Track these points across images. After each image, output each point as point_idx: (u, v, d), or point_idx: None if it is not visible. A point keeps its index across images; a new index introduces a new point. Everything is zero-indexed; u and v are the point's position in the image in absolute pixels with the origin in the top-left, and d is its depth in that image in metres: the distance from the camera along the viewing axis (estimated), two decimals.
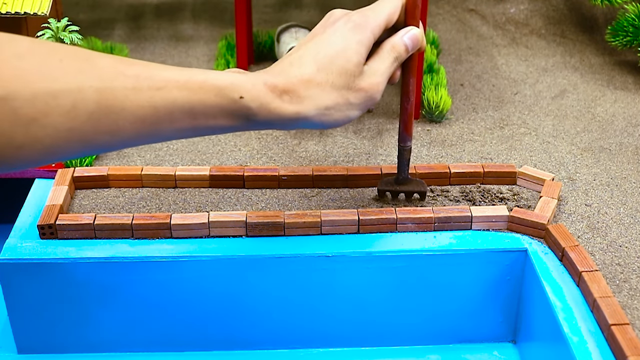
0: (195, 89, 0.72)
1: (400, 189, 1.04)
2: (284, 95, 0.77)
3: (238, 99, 0.74)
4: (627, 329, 0.84)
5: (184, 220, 0.99)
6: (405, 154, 1.02)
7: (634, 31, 1.37)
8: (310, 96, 0.78)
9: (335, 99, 0.79)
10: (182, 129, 0.73)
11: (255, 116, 0.76)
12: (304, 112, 0.78)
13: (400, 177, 1.03)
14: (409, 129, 1.00)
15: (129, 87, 0.69)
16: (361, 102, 0.81)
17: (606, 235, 1.00)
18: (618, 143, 1.20)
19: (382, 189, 1.05)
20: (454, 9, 1.61)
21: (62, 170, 1.08)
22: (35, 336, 1.02)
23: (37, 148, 0.66)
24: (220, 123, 0.75)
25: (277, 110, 0.76)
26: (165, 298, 1.00)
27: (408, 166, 1.03)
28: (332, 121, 0.80)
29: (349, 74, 0.79)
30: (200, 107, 0.73)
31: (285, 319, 1.03)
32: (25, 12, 1.07)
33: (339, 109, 0.80)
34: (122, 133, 0.70)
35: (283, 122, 0.78)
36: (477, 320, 1.04)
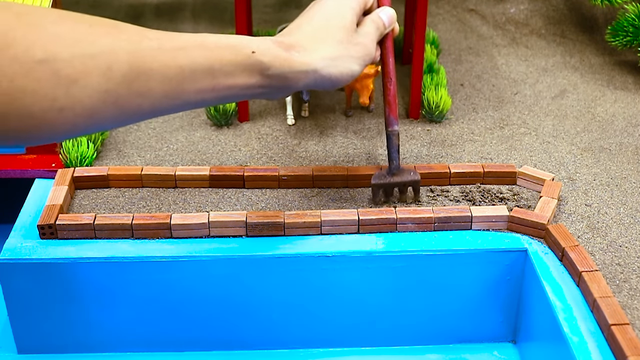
0: (212, 48, 0.76)
1: (393, 181, 1.03)
2: (291, 50, 0.82)
3: (251, 54, 0.78)
4: (627, 329, 0.84)
5: (184, 220, 0.99)
6: (394, 139, 1.00)
7: (634, 31, 1.37)
8: (316, 49, 0.84)
9: (339, 51, 0.85)
10: (204, 89, 0.76)
11: (268, 69, 0.79)
12: (313, 62, 0.83)
13: (392, 166, 1.02)
14: (394, 110, 0.99)
15: (155, 48, 0.72)
16: (361, 55, 0.88)
17: (606, 235, 1.00)
18: (618, 143, 1.20)
19: (376, 182, 1.03)
20: (454, 9, 1.61)
21: (62, 170, 1.08)
22: (35, 336, 1.02)
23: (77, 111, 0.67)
24: (239, 81, 0.78)
25: (287, 61, 0.81)
26: (165, 298, 1.00)
27: (399, 153, 1.02)
28: (338, 73, 0.85)
29: (346, 28, 0.87)
30: (218, 65, 0.76)
31: (285, 319, 1.03)
32: None
33: (343, 60, 0.86)
34: (152, 94, 0.72)
35: (295, 75, 0.82)
36: (477, 320, 1.04)
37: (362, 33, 0.90)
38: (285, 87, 0.83)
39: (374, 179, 1.03)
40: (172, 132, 1.22)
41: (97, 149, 1.15)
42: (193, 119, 1.25)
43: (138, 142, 1.19)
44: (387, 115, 1.00)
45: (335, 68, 0.85)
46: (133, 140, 1.20)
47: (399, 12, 1.59)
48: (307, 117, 1.25)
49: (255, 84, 0.80)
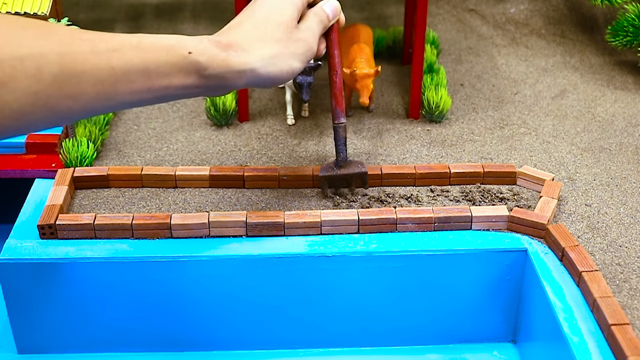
0: (147, 49, 0.76)
1: (340, 173, 1.02)
2: (229, 50, 0.81)
3: (187, 55, 0.78)
4: (627, 329, 0.84)
5: (184, 220, 0.99)
6: (340, 132, 1.00)
7: (634, 31, 1.37)
8: (254, 48, 0.83)
9: (278, 49, 0.84)
10: (139, 90, 0.76)
11: (205, 69, 0.79)
12: (251, 62, 0.82)
13: (339, 159, 1.02)
14: (341, 103, 0.99)
15: (87, 50, 0.72)
16: (301, 52, 0.87)
17: (606, 235, 1.00)
18: (618, 143, 1.20)
19: (324, 175, 1.02)
20: (454, 9, 1.61)
21: (62, 170, 1.08)
22: (35, 336, 1.02)
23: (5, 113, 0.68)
24: (175, 82, 0.78)
25: (225, 61, 0.80)
26: (165, 298, 1.00)
27: (346, 145, 1.01)
28: (277, 72, 0.84)
29: (285, 25, 0.86)
30: (154, 66, 0.76)
31: (285, 319, 1.03)
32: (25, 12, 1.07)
33: (282, 58, 0.84)
34: (83, 96, 0.72)
35: (233, 76, 0.81)
36: (477, 320, 1.04)
37: (303, 28, 0.89)
38: (223, 86, 0.82)
39: (321, 171, 1.03)
40: (172, 132, 1.22)
41: (97, 149, 1.15)
42: (193, 119, 1.25)
43: (138, 142, 1.19)
44: (334, 107, 0.99)
45: (274, 67, 0.84)
46: (133, 140, 1.20)
47: (399, 12, 1.60)
48: (307, 117, 1.25)
49: (192, 84, 0.79)
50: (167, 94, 0.78)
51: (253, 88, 1.33)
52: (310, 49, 0.88)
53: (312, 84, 1.15)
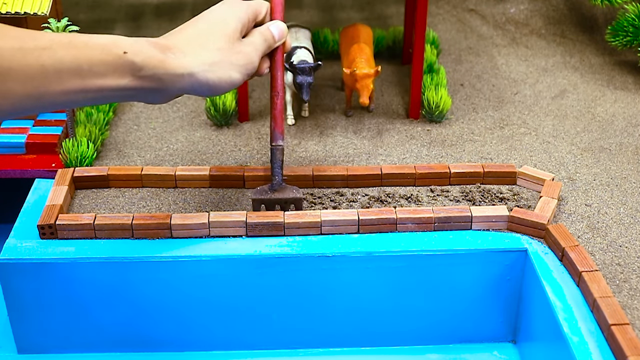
0: (80, 47, 0.74)
1: (274, 197, 1.00)
2: (167, 52, 0.80)
3: (122, 54, 0.77)
4: (627, 329, 0.84)
5: (184, 220, 0.99)
6: (277, 154, 0.98)
7: (634, 31, 1.37)
8: (194, 53, 0.82)
9: (218, 57, 0.84)
10: (72, 90, 0.75)
11: (140, 70, 0.78)
12: (189, 66, 0.81)
13: (274, 182, 1.00)
14: (280, 125, 0.97)
15: (15, 47, 0.70)
16: (242, 64, 0.86)
17: (606, 235, 1.00)
18: (618, 143, 1.20)
19: (256, 197, 1.00)
20: (454, 9, 1.61)
21: (62, 170, 1.08)
22: (35, 336, 1.02)
23: None
24: (109, 82, 0.77)
25: (162, 63, 0.79)
26: (165, 298, 1.00)
27: (282, 169, 0.99)
28: (216, 79, 0.83)
29: (228, 36, 0.86)
30: (87, 65, 0.74)
31: (285, 320, 1.03)
32: (25, 12, 1.07)
33: (222, 66, 0.84)
34: (12, 95, 0.71)
35: (170, 78, 0.80)
36: (477, 320, 1.04)
37: (246, 42, 0.88)
38: (160, 89, 0.81)
39: (254, 193, 1.01)
40: (172, 132, 1.22)
41: (97, 149, 1.15)
42: (193, 119, 1.25)
43: (138, 142, 1.19)
44: (272, 129, 0.98)
45: (213, 74, 0.83)
46: (133, 140, 1.20)
47: (399, 12, 1.60)
48: (307, 117, 1.25)
49: (127, 86, 0.78)
50: (102, 94, 0.77)
51: (253, 88, 1.33)
52: (252, 62, 0.88)
53: (312, 84, 1.15)
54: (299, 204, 1.01)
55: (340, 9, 1.63)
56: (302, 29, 1.28)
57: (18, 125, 1.19)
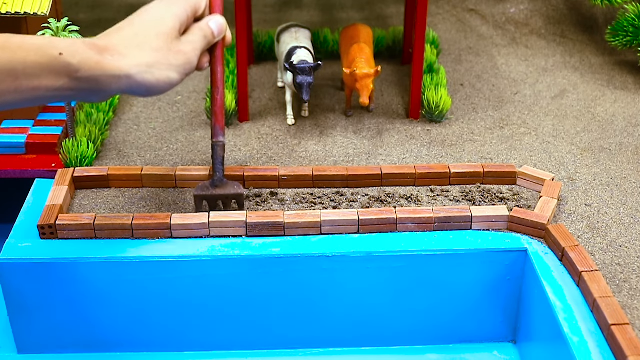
0: (14, 49, 0.74)
1: (216, 193, 1.00)
2: (104, 53, 0.80)
3: (58, 56, 0.76)
4: (627, 329, 0.84)
5: (184, 220, 0.99)
6: (218, 150, 0.98)
7: (634, 31, 1.37)
8: (131, 54, 0.81)
9: (156, 57, 0.83)
10: (6, 90, 0.75)
11: (77, 72, 0.78)
12: (126, 68, 0.81)
13: (215, 178, 1.00)
14: (220, 121, 0.97)
15: None
16: (180, 64, 0.86)
17: (606, 235, 1.00)
18: (618, 143, 1.20)
19: (198, 194, 1.00)
20: (454, 9, 1.61)
21: (62, 170, 1.08)
22: (35, 336, 1.02)
23: None
24: (44, 83, 0.76)
25: (99, 65, 0.79)
26: (165, 298, 1.00)
27: (223, 165, 0.99)
28: (154, 81, 0.83)
29: (166, 36, 0.85)
30: (21, 67, 0.74)
31: (285, 319, 1.03)
32: (25, 12, 1.07)
33: (159, 67, 0.83)
34: None
35: (107, 79, 0.80)
36: (477, 320, 1.04)
37: (185, 41, 0.87)
38: (97, 90, 0.80)
39: (196, 190, 1.01)
40: (172, 132, 1.22)
41: (97, 149, 1.15)
42: (193, 119, 1.25)
43: (138, 142, 1.19)
44: (213, 125, 0.97)
45: (151, 75, 0.82)
46: (133, 140, 1.20)
47: (399, 12, 1.60)
48: (307, 117, 1.25)
49: (63, 87, 0.78)
50: (37, 95, 0.77)
51: (253, 88, 1.33)
52: (190, 62, 0.87)
53: (312, 84, 1.15)
54: (241, 200, 1.01)
55: (340, 9, 1.63)
56: (302, 29, 1.28)
57: (18, 125, 1.19)
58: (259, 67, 1.40)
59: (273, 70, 1.39)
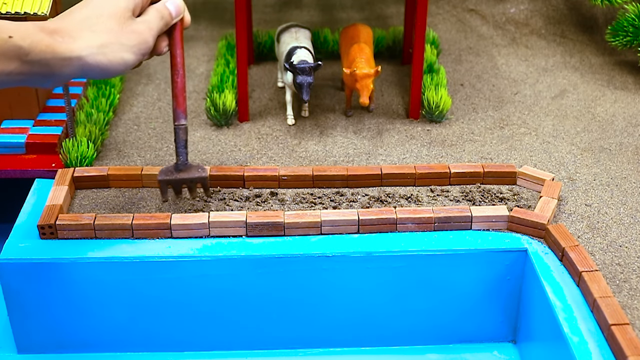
0: None
1: (180, 177, 0.99)
2: (55, 35, 0.79)
3: (7, 39, 0.76)
4: (627, 329, 0.84)
5: (184, 220, 0.99)
6: (180, 134, 0.97)
7: (634, 31, 1.37)
8: (82, 37, 0.80)
9: (108, 39, 0.82)
10: None
11: (27, 55, 0.77)
12: (77, 50, 0.79)
13: (179, 162, 0.99)
14: (181, 104, 0.96)
15: None
16: (134, 44, 0.84)
17: (606, 235, 1.00)
18: (618, 143, 1.20)
19: (163, 179, 0.99)
20: (454, 9, 1.61)
21: (62, 170, 1.08)
22: (35, 336, 1.02)
23: None
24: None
25: (50, 47, 0.78)
26: (165, 298, 1.00)
27: (186, 148, 0.98)
28: (107, 62, 0.82)
29: (118, 16, 0.83)
30: None
31: (285, 320, 1.03)
32: (25, 12, 1.07)
33: (112, 48, 0.82)
34: None
35: (59, 62, 0.79)
36: (477, 320, 1.04)
37: (139, 21, 0.86)
38: (49, 74, 0.79)
39: (160, 174, 0.99)
40: (172, 132, 1.22)
41: (97, 149, 1.15)
42: (193, 119, 1.25)
43: (138, 142, 1.19)
44: (174, 108, 0.96)
45: (104, 56, 0.81)
46: (133, 140, 1.20)
47: (399, 12, 1.60)
48: (307, 117, 1.25)
49: (15, 71, 0.77)
50: None
51: (253, 88, 1.33)
52: (145, 42, 0.85)
53: (312, 84, 1.15)
54: (206, 184, 1.00)
55: (340, 9, 1.63)
56: (302, 29, 1.28)
57: (18, 125, 1.19)
58: (259, 67, 1.40)
59: (273, 70, 1.39)
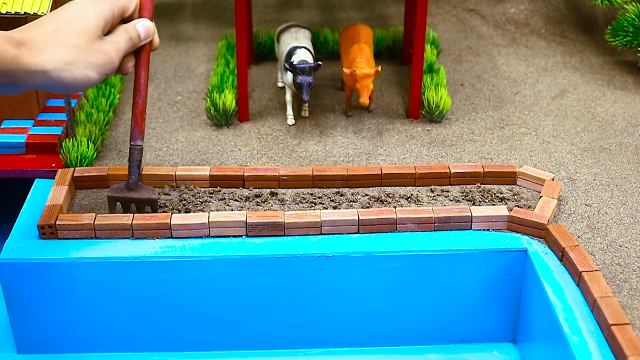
0: None
1: (129, 196, 0.99)
2: (21, 47, 0.79)
3: None
4: (627, 329, 0.84)
5: (184, 220, 0.99)
6: (135, 154, 0.97)
7: (634, 31, 1.37)
8: (49, 50, 0.80)
9: (74, 56, 0.81)
10: None
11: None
12: (43, 64, 0.79)
13: (130, 181, 0.99)
14: (140, 125, 0.96)
15: None
16: (100, 63, 0.84)
17: (606, 235, 1.00)
18: (618, 143, 1.20)
19: (112, 195, 1.00)
20: (454, 9, 1.61)
21: (62, 170, 1.08)
22: (35, 336, 1.02)
23: None
24: None
25: (15, 59, 0.78)
26: (165, 298, 1.00)
27: (139, 169, 0.98)
28: (71, 79, 0.82)
29: (87, 34, 0.83)
30: None
31: (285, 319, 1.03)
32: (25, 12, 1.07)
33: (78, 65, 0.82)
34: None
35: (23, 75, 0.79)
36: (477, 320, 1.04)
37: (108, 41, 0.86)
38: (12, 83, 0.79)
39: (110, 190, 1.00)
40: (172, 132, 1.22)
41: (97, 149, 1.15)
42: (193, 119, 1.25)
43: None
44: (132, 128, 0.97)
45: (68, 73, 0.81)
46: None
47: (399, 12, 1.60)
48: (307, 117, 1.25)
49: None
50: None
51: (253, 88, 1.33)
52: (110, 62, 0.85)
53: (312, 84, 1.15)
54: (154, 205, 1.00)
55: (340, 9, 1.63)
56: (302, 29, 1.28)
57: (18, 125, 1.19)
58: (259, 67, 1.40)
59: (273, 70, 1.39)
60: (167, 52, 1.46)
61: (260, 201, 1.05)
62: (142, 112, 0.96)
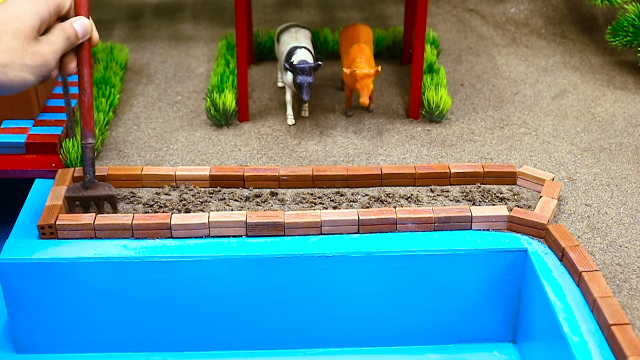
0: None
1: (87, 195, 1.00)
2: None
3: None
4: (627, 329, 0.84)
5: (184, 220, 0.99)
6: (87, 152, 0.97)
7: (634, 31, 1.37)
8: None
9: (10, 58, 0.80)
10: None
11: None
12: None
13: (86, 180, 0.99)
14: (89, 123, 0.96)
15: None
16: (36, 65, 0.83)
17: (606, 235, 1.00)
18: (618, 143, 1.20)
19: (70, 195, 1.00)
20: (454, 9, 1.61)
21: (62, 170, 1.08)
22: (35, 336, 1.02)
23: None
24: None
25: None
26: (165, 298, 1.00)
27: (93, 167, 0.99)
28: (7, 81, 0.81)
29: (23, 35, 0.82)
30: None
31: (285, 319, 1.03)
32: None
33: (14, 67, 0.81)
34: None
35: None
36: (477, 320, 1.04)
37: (44, 42, 0.84)
38: None
39: (67, 191, 1.01)
40: (172, 132, 1.22)
41: (97, 149, 1.15)
42: (193, 119, 1.25)
43: (138, 142, 1.19)
44: (82, 127, 0.97)
45: (4, 75, 0.80)
46: (133, 140, 1.20)
47: (399, 12, 1.60)
48: (307, 117, 1.25)
49: None
50: None
51: (253, 88, 1.33)
52: (46, 64, 0.84)
53: (312, 84, 1.15)
54: (113, 201, 1.01)
55: (340, 9, 1.63)
56: (302, 29, 1.28)
57: (18, 125, 1.19)
58: (259, 67, 1.40)
59: (273, 70, 1.39)
60: (167, 52, 1.46)
61: (260, 201, 1.05)
62: (89, 110, 0.96)
